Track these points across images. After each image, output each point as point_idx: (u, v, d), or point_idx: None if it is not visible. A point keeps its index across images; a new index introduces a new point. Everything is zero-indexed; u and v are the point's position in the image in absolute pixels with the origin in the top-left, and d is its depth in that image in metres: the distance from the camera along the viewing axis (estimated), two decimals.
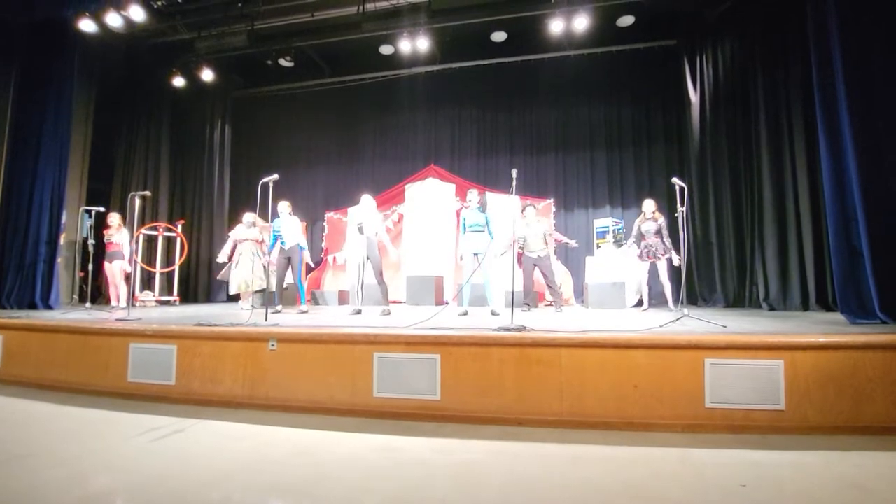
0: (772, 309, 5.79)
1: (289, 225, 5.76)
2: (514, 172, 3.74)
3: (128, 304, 5.13)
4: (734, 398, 2.63)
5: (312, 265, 6.37)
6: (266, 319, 3.78)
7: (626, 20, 7.27)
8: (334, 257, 8.68)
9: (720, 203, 6.72)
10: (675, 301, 5.38)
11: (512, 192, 3.71)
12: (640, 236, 5.79)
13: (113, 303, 6.26)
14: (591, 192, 8.55)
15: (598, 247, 7.57)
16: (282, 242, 5.76)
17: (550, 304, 6.63)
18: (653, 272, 5.75)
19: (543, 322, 4.01)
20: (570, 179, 8.67)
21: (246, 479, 2.15)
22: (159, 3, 6.68)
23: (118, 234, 6.28)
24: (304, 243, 5.93)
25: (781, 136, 6.01)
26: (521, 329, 3.06)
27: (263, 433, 2.83)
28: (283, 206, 5.83)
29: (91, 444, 2.66)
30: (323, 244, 8.96)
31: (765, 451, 2.38)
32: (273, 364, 3.28)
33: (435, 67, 8.13)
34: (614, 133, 8.53)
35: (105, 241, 6.33)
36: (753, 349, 2.67)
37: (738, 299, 6.46)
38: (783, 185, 5.97)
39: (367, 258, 5.27)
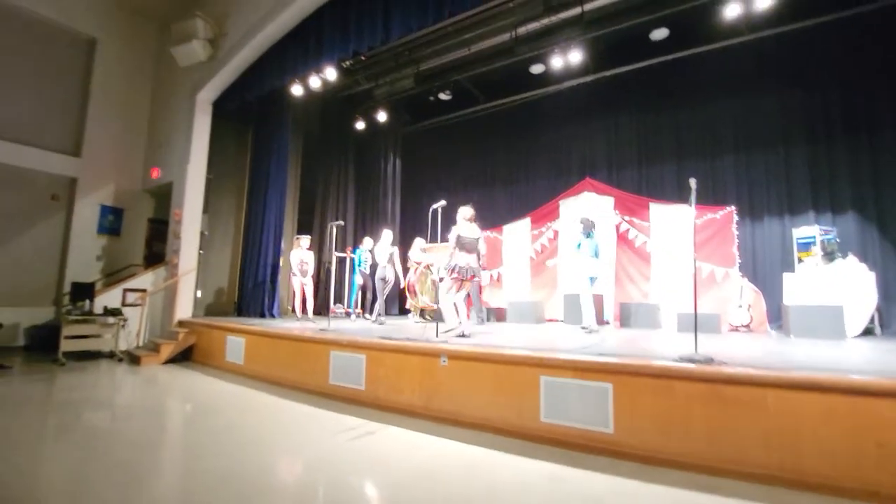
0: None
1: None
2: (693, 182, 3.36)
3: (320, 314, 6.11)
4: None
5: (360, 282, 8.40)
6: (437, 336, 4.08)
7: None
8: (491, 274, 8.96)
9: None
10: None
11: (691, 204, 3.33)
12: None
13: (298, 314, 7.27)
14: (786, 195, 7.10)
15: (800, 261, 6.26)
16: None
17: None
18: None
19: (730, 352, 3.48)
20: (757, 182, 7.36)
21: (428, 487, 2.35)
22: (347, 63, 7.97)
23: (309, 255, 7.53)
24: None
25: None
26: (709, 361, 2.71)
27: (437, 444, 3.06)
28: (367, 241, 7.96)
29: (303, 438, 3.24)
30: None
31: None
32: (445, 379, 3.53)
33: (588, 79, 7.85)
34: (818, 122, 6.98)
35: (301, 261, 7.50)
36: None
37: None
38: None
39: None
